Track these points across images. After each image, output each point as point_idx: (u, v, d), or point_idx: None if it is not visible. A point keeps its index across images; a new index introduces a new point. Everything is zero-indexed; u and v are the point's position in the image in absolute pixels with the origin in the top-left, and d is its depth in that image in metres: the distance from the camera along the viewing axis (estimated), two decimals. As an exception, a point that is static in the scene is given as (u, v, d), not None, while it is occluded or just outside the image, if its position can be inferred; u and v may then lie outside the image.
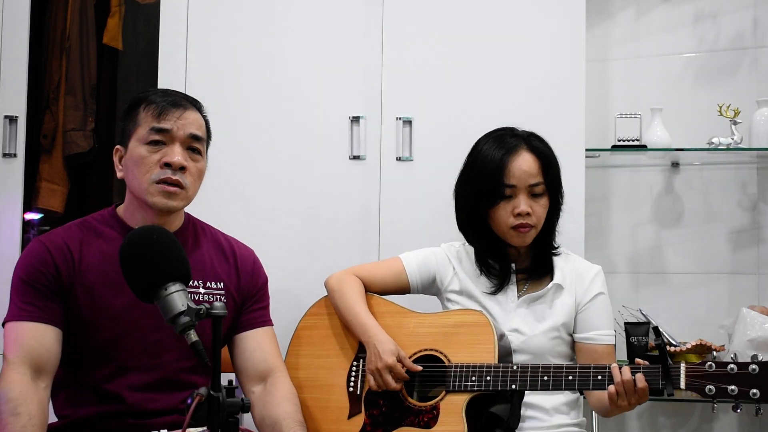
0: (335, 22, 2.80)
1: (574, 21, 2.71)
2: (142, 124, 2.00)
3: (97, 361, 1.97)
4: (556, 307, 2.25)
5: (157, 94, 2.05)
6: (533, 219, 2.21)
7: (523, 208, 2.19)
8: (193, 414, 1.42)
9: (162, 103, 2.01)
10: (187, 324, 1.55)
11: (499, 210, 2.22)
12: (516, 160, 2.20)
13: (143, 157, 1.98)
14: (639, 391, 1.94)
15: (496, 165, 2.20)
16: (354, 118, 2.76)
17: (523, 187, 2.20)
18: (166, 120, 1.99)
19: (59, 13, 3.26)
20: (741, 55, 3.10)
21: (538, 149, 2.24)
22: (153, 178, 1.98)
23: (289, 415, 2.02)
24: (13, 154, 2.82)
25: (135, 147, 2.00)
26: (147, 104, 2.01)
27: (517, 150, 2.22)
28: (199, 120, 2.06)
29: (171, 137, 1.99)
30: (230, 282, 2.11)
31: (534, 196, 2.22)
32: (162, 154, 1.98)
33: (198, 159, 2.04)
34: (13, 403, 1.81)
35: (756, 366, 1.86)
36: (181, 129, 2.00)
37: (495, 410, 2.08)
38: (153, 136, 1.99)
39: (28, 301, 1.94)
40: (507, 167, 2.19)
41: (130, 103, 2.06)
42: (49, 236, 2.03)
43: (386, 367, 2.14)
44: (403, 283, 2.36)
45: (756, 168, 3.07)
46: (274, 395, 2.07)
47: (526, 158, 2.21)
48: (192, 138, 2.02)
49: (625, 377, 1.94)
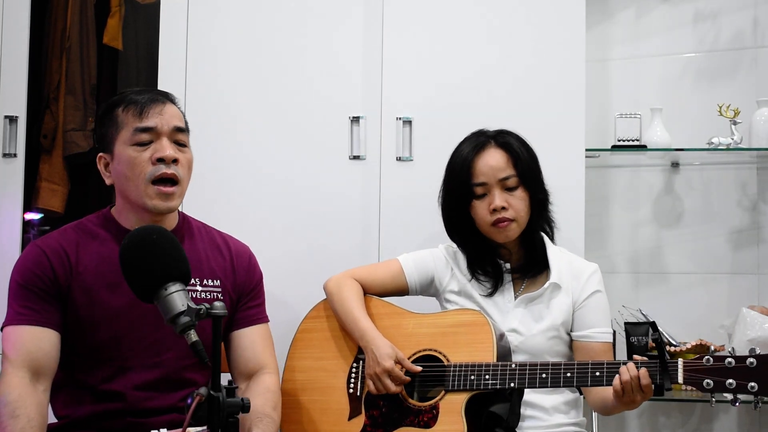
0: (335, 23, 2.80)
1: (574, 21, 2.71)
2: (125, 126, 2.00)
3: (96, 361, 1.98)
4: (553, 306, 2.25)
5: (132, 93, 2.05)
6: (511, 212, 2.22)
7: (498, 203, 2.21)
8: (193, 414, 1.43)
9: (141, 101, 2.00)
10: (187, 324, 1.55)
11: (476, 209, 2.25)
12: (483, 157, 2.24)
13: (133, 158, 1.98)
14: (644, 388, 1.95)
15: (463, 165, 2.25)
16: (354, 118, 2.76)
17: (494, 182, 2.23)
18: (149, 117, 1.99)
19: (59, 13, 3.26)
20: (741, 55, 3.10)
21: (505, 143, 2.26)
22: (148, 176, 1.98)
23: (255, 407, 1.97)
24: (13, 154, 2.82)
25: (122, 150, 2.00)
26: (125, 105, 2.01)
27: (483, 147, 2.26)
28: (178, 112, 2.07)
29: (157, 133, 2.00)
30: (226, 279, 2.11)
31: (508, 189, 2.24)
32: (152, 151, 1.98)
33: (185, 151, 2.05)
34: (12, 406, 1.82)
35: (754, 359, 1.86)
36: (166, 123, 2.01)
37: (495, 409, 2.08)
38: (139, 136, 1.99)
39: (26, 305, 1.94)
40: (474, 166, 2.24)
41: (105, 109, 2.06)
42: (45, 240, 2.03)
43: (384, 372, 2.14)
44: (401, 284, 2.37)
45: (756, 168, 3.07)
46: (251, 390, 2.07)
47: (493, 154, 2.25)
48: (177, 130, 2.03)
49: (633, 373, 1.94)
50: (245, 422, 1.98)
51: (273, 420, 2.03)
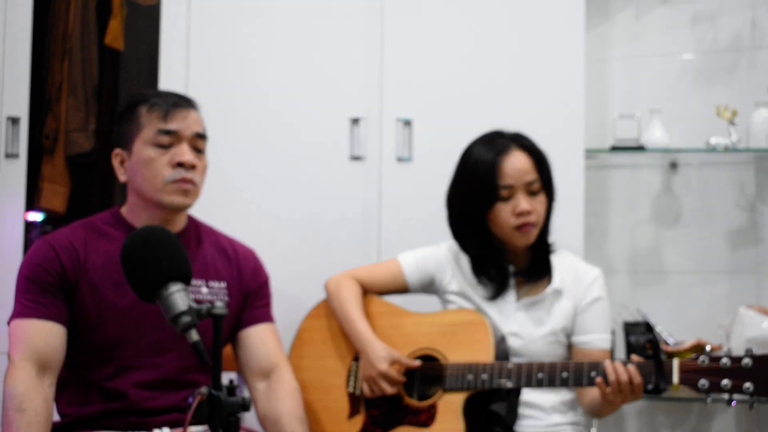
0: (335, 23, 2.81)
1: (573, 21, 2.72)
2: (146, 126, 2.02)
3: (100, 359, 1.99)
4: (554, 311, 2.25)
5: (156, 95, 2.07)
6: (534, 217, 2.20)
7: (525, 207, 2.18)
8: (194, 413, 1.44)
9: (165, 104, 2.03)
10: (188, 323, 1.56)
11: (498, 212, 2.21)
12: (509, 159, 2.20)
13: (153, 159, 2.00)
14: (634, 387, 1.94)
15: (489, 167, 2.19)
16: (354, 118, 2.77)
17: (521, 185, 2.20)
18: (173, 121, 2.02)
19: (61, 14, 3.27)
20: (739, 56, 3.10)
21: (529, 147, 2.24)
22: (167, 179, 2.00)
23: (289, 411, 2.04)
24: (16, 155, 2.82)
25: (142, 149, 2.01)
26: (150, 106, 2.03)
27: (508, 150, 2.21)
28: (199, 119, 2.09)
29: (178, 137, 2.02)
30: (232, 280, 2.12)
31: (532, 193, 2.21)
32: (172, 155, 2.01)
33: (202, 157, 2.07)
34: (19, 399, 1.83)
35: (749, 360, 1.85)
36: (188, 129, 2.03)
37: (493, 408, 2.09)
38: (161, 138, 2.01)
39: (34, 299, 1.95)
40: (500, 168, 2.19)
41: (127, 106, 2.07)
42: (53, 236, 2.04)
43: (379, 375, 2.15)
44: (401, 284, 2.37)
45: (754, 168, 3.08)
46: (276, 392, 2.08)
47: (519, 157, 2.21)
48: (197, 137, 2.05)
49: (620, 372, 1.94)
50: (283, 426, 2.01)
51: (307, 423, 2.08)
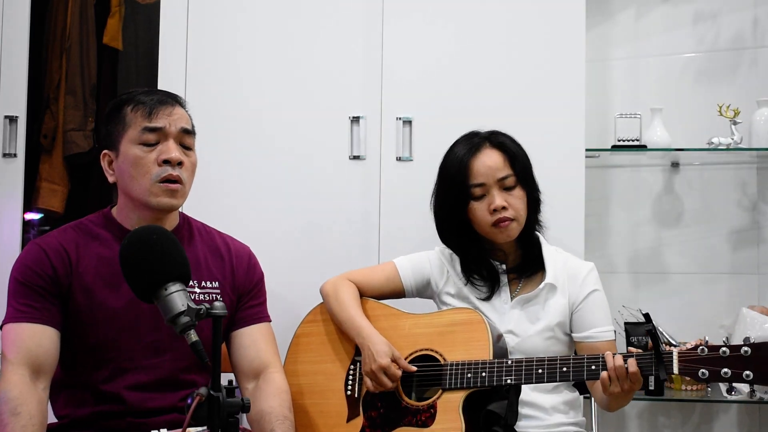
0: (335, 23, 2.80)
1: (574, 21, 2.71)
2: (132, 125, 2.00)
3: (95, 361, 1.98)
4: (549, 307, 2.25)
5: (141, 93, 2.05)
6: (511, 212, 2.21)
7: (498, 203, 2.20)
8: (193, 414, 1.43)
9: (150, 102, 2.01)
10: (187, 324, 1.56)
11: (475, 210, 2.24)
12: (479, 157, 2.23)
13: (140, 158, 1.99)
14: (631, 376, 1.95)
15: (460, 166, 2.24)
16: (354, 118, 2.76)
17: (493, 182, 2.22)
18: (158, 118, 2.00)
19: (59, 13, 3.26)
20: (741, 55, 3.10)
21: (501, 143, 2.26)
22: (154, 177, 1.98)
23: (273, 409, 2.01)
24: (13, 154, 2.82)
25: (128, 148, 2.00)
26: (135, 105, 2.02)
27: (479, 148, 2.25)
28: (186, 115, 2.08)
29: (164, 135, 2.01)
30: (225, 280, 2.11)
31: (507, 189, 2.23)
32: (158, 152, 1.99)
33: (190, 154, 2.06)
34: (13, 403, 1.82)
35: (748, 348, 1.87)
36: (173, 125, 2.02)
37: (493, 407, 2.08)
38: (146, 136, 1.99)
39: (26, 303, 1.94)
40: (471, 166, 2.22)
41: (113, 107, 2.06)
42: (44, 239, 2.03)
43: (380, 368, 2.14)
44: (397, 287, 2.37)
45: (756, 168, 3.07)
46: (263, 391, 2.07)
47: (489, 154, 2.24)
48: (184, 133, 2.04)
49: (617, 362, 1.96)
50: (264, 424, 1.99)
51: (292, 422, 2.04)
